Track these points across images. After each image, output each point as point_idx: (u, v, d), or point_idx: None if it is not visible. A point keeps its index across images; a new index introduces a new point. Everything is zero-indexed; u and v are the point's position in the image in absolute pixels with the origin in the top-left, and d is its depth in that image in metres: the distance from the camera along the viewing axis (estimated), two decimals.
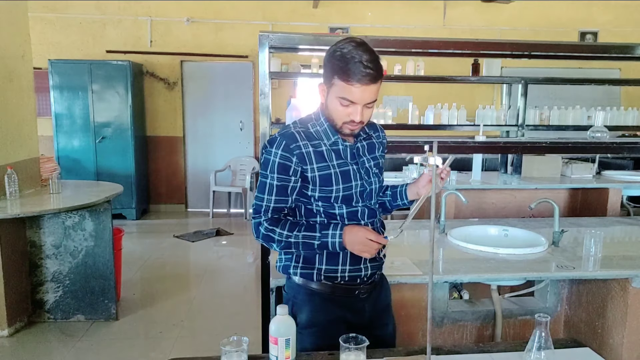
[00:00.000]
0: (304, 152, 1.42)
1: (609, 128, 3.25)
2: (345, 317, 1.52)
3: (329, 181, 1.44)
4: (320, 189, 1.44)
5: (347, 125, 1.41)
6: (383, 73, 1.37)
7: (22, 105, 3.68)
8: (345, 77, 1.33)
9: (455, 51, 2.28)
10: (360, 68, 1.31)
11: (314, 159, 1.43)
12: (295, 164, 1.41)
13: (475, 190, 3.80)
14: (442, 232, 2.52)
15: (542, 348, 1.27)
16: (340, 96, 1.36)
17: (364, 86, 1.33)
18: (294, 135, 1.43)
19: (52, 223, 3.41)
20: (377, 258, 1.52)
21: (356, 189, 1.47)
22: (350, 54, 1.32)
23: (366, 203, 1.51)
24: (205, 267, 4.75)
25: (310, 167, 1.42)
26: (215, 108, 6.95)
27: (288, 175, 1.42)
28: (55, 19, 6.53)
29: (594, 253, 2.18)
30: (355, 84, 1.33)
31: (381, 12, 6.93)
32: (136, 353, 3.08)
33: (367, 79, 1.32)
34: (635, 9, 7.21)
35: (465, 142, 2.42)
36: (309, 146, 1.43)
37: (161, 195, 7.04)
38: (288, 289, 1.58)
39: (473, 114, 4.81)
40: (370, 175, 1.53)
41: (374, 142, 1.57)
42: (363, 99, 1.35)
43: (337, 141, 1.46)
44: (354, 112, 1.37)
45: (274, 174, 1.42)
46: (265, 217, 1.45)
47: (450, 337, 2.35)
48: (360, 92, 1.34)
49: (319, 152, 1.44)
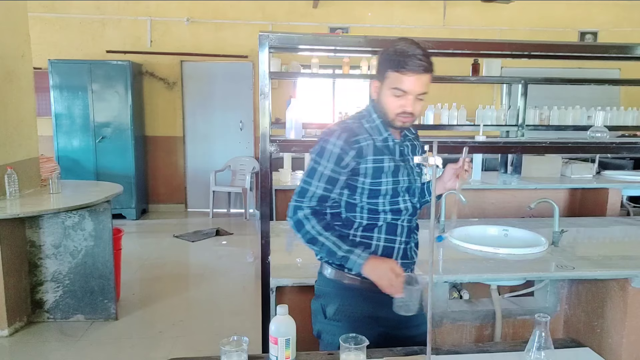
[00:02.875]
0: (363, 145, 1.48)
1: (608, 128, 3.25)
2: (375, 313, 1.54)
3: (381, 173, 1.49)
4: (372, 182, 1.49)
5: (400, 116, 1.46)
6: (432, 66, 1.43)
7: (22, 105, 3.68)
8: (398, 67, 1.40)
9: (455, 51, 2.28)
10: (413, 59, 1.39)
11: (372, 151, 1.49)
12: (352, 157, 1.46)
13: (475, 190, 3.79)
14: (442, 232, 2.52)
15: (542, 348, 1.27)
16: (394, 87, 1.43)
17: (416, 75, 1.40)
18: (353, 129, 1.49)
19: (52, 223, 3.41)
20: (407, 255, 1.57)
21: (403, 184, 1.53)
22: (403, 48, 1.42)
23: (411, 199, 1.56)
24: (205, 267, 4.75)
25: (364, 159, 1.48)
26: (215, 108, 6.95)
27: (341, 167, 1.47)
28: (55, 19, 6.53)
29: (594, 253, 2.18)
30: (407, 73, 1.40)
31: (381, 12, 6.93)
32: (136, 353, 3.08)
33: (419, 68, 1.40)
34: (635, 9, 7.21)
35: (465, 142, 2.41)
36: (370, 139, 1.49)
37: (161, 195, 7.04)
38: (319, 284, 1.63)
39: (473, 114, 4.81)
40: (414, 174, 1.59)
41: (415, 144, 1.64)
42: (415, 89, 1.42)
43: (387, 137, 1.53)
44: (406, 102, 1.44)
45: (329, 163, 1.47)
46: (309, 203, 1.50)
47: (450, 337, 2.35)
48: (413, 81, 1.41)
49: (376, 146, 1.50)
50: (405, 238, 1.56)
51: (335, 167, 1.47)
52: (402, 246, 1.56)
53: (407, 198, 1.55)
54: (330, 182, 1.48)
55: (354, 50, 2.84)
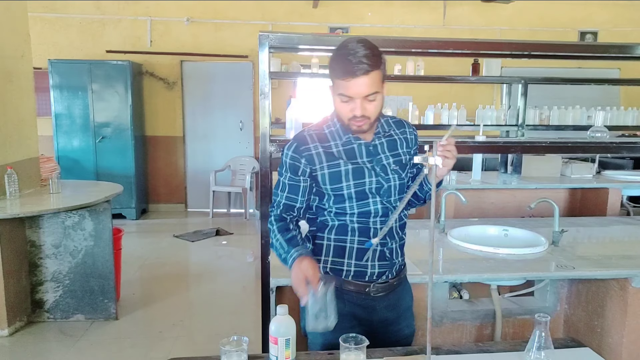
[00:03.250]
0: (314, 153, 1.49)
1: (608, 128, 3.25)
2: (355, 313, 1.54)
3: (339, 178, 1.48)
4: (332, 187, 1.49)
5: (352, 121, 1.43)
6: (379, 66, 1.38)
7: (22, 105, 3.68)
8: (338, 73, 1.37)
9: (455, 51, 2.28)
10: (349, 64, 1.34)
11: (324, 159, 1.48)
12: (304, 164, 1.49)
13: (475, 190, 3.80)
14: (442, 232, 2.53)
15: (542, 348, 1.27)
16: (339, 93, 1.40)
17: (355, 79, 1.35)
18: (305, 138, 1.51)
19: (52, 223, 3.41)
20: (385, 257, 1.54)
21: (370, 186, 1.49)
22: (342, 51, 1.36)
23: (383, 200, 1.52)
24: (205, 267, 4.75)
25: (319, 167, 1.48)
26: (215, 108, 6.95)
27: (297, 176, 1.50)
28: (55, 19, 6.53)
29: (594, 253, 2.18)
30: (346, 78, 1.36)
31: (381, 12, 6.93)
32: (136, 353, 3.08)
33: (359, 72, 1.34)
34: (635, 9, 7.21)
35: (465, 142, 2.41)
36: (320, 147, 1.49)
37: (161, 195, 7.04)
38: None
39: (473, 114, 4.81)
40: (388, 172, 1.52)
41: (395, 139, 1.57)
42: (359, 93, 1.37)
43: (349, 140, 1.50)
44: (355, 106, 1.39)
45: (287, 173, 1.52)
46: (276, 211, 1.55)
47: (450, 337, 2.35)
48: (353, 85, 1.36)
49: (330, 152, 1.49)
50: (382, 239, 1.51)
51: (292, 175, 1.51)
52: (378, 248, 1.52)
53: (377, 199, 1.50)
54: (291, 191, 1.52)
55: None
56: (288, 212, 1.54)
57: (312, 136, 1.51)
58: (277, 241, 1.49)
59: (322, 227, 1.56)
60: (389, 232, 1.53)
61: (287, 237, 1.48)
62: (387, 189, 1.52)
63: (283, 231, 1.50)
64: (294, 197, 1.52)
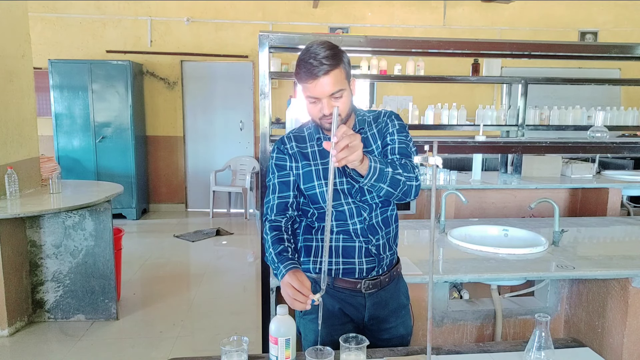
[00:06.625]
0: (291, 153, 1.55)
1: (609, 128, 3.24)
2: (345, 310, 1.56)
3: (311, 178, 1.52)
4: (305, 187, 1.53)
5: (323, 120, 1.45)
6: (340, 64, 1.38)
7: (22, 105, 3.68)
8: (302, 77, 1.40)
9: (455, 51, 2.28)
10: (311, 65, 1.36)
11: (299, 159, 1.54)
12: (289, 160, 1.54)
13: (475, 190, 3.80)
14: (442, 232, 2.53)
15: (542, 348, 1.27)
16: (306, 95, 1.44)
17: (317, 80, 1.37)
18: (284, 139, 1.58)
19: (52, 223, 3.41)
20: (371, 253, 1.54)
21: (342, 186, 1.51)
22: (304, 55, 1.39)
23: (355, 200, 1.51)
24: (205, 267, 4.75)
25: (295, 165, 1.54)
26: (215, 108, 6.95)
27: (285, 171, 1.55)
28: (55, 18, 6.53)
29: (594, 253, 2.18)
30: (307, 81, 1.38)
31: (381, 12, 6.93)
32: (136, 353, 3.08)
33: (318, 73, 1.36)
34: (635, 9, 7.21)
35: (465, 142, 2.42)
36: (295, 148, 1.56)
37: (161, 195, 7.05)
38: None
39: (473, 114, 4.81)
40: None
41: (368, 137, 1.54)
42: (324, 92, 1.39)
43: (321, 140, 1.52)
44: (322, 106, 1.41)
45: (275, 173, 1.56)
46: (270, 215, 1.55)
47: (450, 337, 2.35)
48: (315, 86, 1.38)
49: (304, 153, 1.55)
50: (365, 237, 1.52)
51: (279, 173, 1.55)
52: (363, 245, 1.53)
53: (349, 200, 1.51)
54: (281, 190, 1.55)
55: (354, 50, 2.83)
56: (282, 213, 1.54)
57: (290, 138, 1.57)
58: (270, 255, 1.49)
59: (309, 229, 1.59)
60: (371, 229, 1.53)
61: (277, 249, 1.46)
62: (359, 189, 1.51)
63: (275, 243, 1.48)
64: (286, 194, 1.55)
